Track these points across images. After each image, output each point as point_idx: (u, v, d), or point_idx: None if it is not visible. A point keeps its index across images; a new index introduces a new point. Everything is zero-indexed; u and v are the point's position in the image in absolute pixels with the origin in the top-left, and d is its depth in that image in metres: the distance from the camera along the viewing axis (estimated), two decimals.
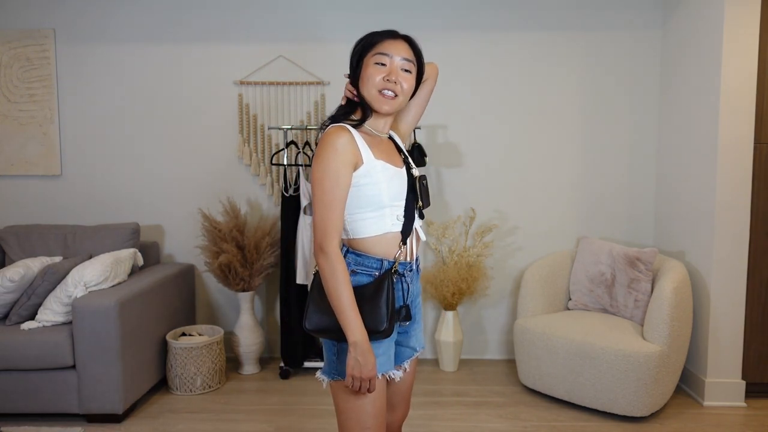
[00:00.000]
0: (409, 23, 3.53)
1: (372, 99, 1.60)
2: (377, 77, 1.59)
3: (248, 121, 3.58)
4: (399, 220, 1.61)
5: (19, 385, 2.80)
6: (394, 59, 1.59)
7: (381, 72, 1.59)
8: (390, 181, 1.58)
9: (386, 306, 1.53)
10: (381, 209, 1.58)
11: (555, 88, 3.58)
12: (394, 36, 1.62)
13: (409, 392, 1.78)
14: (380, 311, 1.52)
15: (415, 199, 1.63)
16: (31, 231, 3.40)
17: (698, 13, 3.13)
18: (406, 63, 1.60)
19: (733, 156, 2.94)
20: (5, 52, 3.56)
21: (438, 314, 3.70)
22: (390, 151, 1.67)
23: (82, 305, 2.76)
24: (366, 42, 1.62)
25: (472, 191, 3.60)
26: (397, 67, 1.59)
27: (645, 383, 2.77)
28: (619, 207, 3.64)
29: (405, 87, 1.61)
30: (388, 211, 1.59)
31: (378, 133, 1.66)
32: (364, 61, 1.61)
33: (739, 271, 2.99)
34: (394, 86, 1.59)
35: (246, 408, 3.04)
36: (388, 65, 1.59)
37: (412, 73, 1.63)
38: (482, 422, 2.88)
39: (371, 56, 1.60)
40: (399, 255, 1.60)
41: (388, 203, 1.58)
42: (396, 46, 1.60)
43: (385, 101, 1.59)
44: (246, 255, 3.37)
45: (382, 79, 1.58)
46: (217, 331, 3.38)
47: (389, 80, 1.58)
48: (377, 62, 1.59)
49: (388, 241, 1.60)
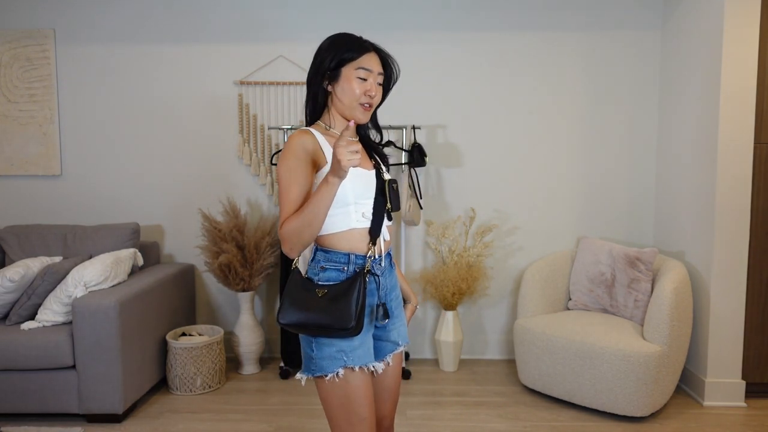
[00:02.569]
0: (408, 23, 3.54)
1: (352, 109, 1.68)
2: (358, 90, 1.66)
3: (248, 121, 3.58)
4: (365, 218, 1.65)
5: (19, 385, 2.80)
6: (374, 74, 1.67)
7: (362, 86, 1.66)
8: (354, 181, 1.62)
9: (355, 305, 1.55)
10: (346, 206, 1.63)
11: (555, 88, 3.58)
12: (374, 50, 1.70)
13: (395, 386, 1.80)
14: (350, 309, 1.55)
15: (385, 202, 1.67)
16: (31, 231, 3.40)
17: (698, 13, 3.13)
18: (380, 77, 1.70)
19: (733, 156, 2.94)
20: (5, 52, 3.56)
21: (438, 314, 3.70)
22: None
23: (82, 305, 2.76)
24: (348, 51, 1.67)
25: (472, 191, 3.60)
26: (374, 81, 1.68)
27: (645, 383, 2.77)
28: (619, 207, 3.64)
29: (377, 98, 1.71)
30: (353, 208, 1.64)
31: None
32: (343, 71, 1.67)
33: (739, 271, 2.99)
34: (371, 99, 1.68)
35: (246, 408, 3.04)
36: (368, 80, 1.67)
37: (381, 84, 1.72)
38: (482, 422, 2.88)
39: (354, 69, 1.66)
40: (369, 254, 1.64)
41: (352, 201, 1.63)
42: (375, 61, 1.69)
43: (363, 112, 1.68)
44: (246, 255, 3.37)
45: (363, 93, 1.66)
46: (217, 331, 3.39)
47: (368, 94, 1.67)
48: (359, 76, 1.66)
49: (355, 237, 1.64)
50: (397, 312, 1.76)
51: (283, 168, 1.58)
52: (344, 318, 1.55)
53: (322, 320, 1.56)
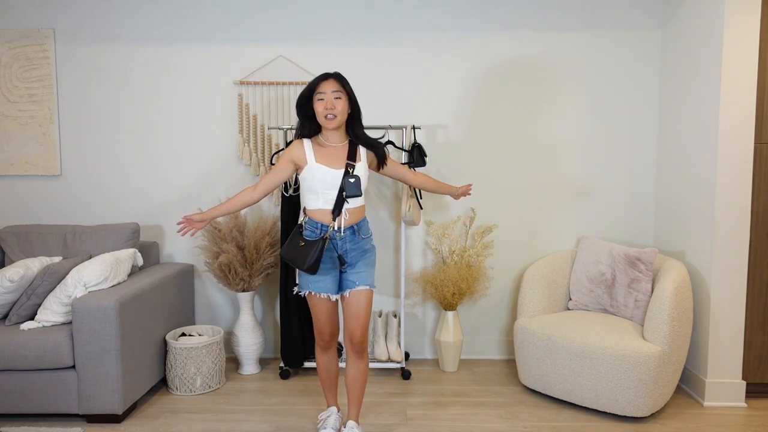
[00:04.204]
0: (408, 23, 3.54)
1: (322, 122, 2.46)
2: (320, 108, 2.44)
3: (248, 121, 3.58)
4: (328, 202, 2.46)
5: (19, 385, 2.80)
6: (328, 94, 2.42)
7: (322, 105, 2.43)
8: (323, 177, 2.44)
9: (313, 255, 2.41)
10: (316, 194, 2.47)
11: (555, 87, 3.58)
12: (326, 77, 2.45)
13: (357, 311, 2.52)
14: (309, 257, 2.41)
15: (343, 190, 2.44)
16: (31, 231, 3.40)
17: (698, 13, 3.13)
18: (335, 93, 2.43)
19: (733, 156, 2.94)
20: (5, 52, 3.56)
21: (438, 314, 3.69)
22: (333, 157, 2.47)
23: (81, 305, 2.76)
24: (309, 88, 2.45)
25: (473, 191, 3.60)
26: (330, 98, 2.42)
27: (645, 383, 2.77)
28: (619, 207, 3.64)
29: (339, 108, 2.43)
30: (321, 195, 2.46)
31: (329, 143, 2.50)
32: (313, 101, 2.45)
33: (740, 271, 2.99)
34: (332, 110, 2.43)
35: (246, 408, 3.04)
36: (325, 99, 2.42)
37: (342, 98, 2.44)
38: (482, 422, 2.88)
39: (315, 96, 2.45)
40: (332, 225, 2.45)
41: (320, 191, 2.46)
42: (327, 85, 2.43)
43: (328, 122, 2.44)
44: (246, 255, 3.37)
45: (324, 108, 2.42)
46: (217, 331, 3.38)
47: (328, 108, 2.42)
48: (318, 99, 2.44)
49: (323, 213, 2.47)
50: (356, 263, 2.52)
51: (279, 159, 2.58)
52: (305, 261, 2.42)
53: (296, 260, 2.45)
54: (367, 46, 3.55)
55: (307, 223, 2.49)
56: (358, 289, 2.51)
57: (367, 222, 2.60)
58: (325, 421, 2.72)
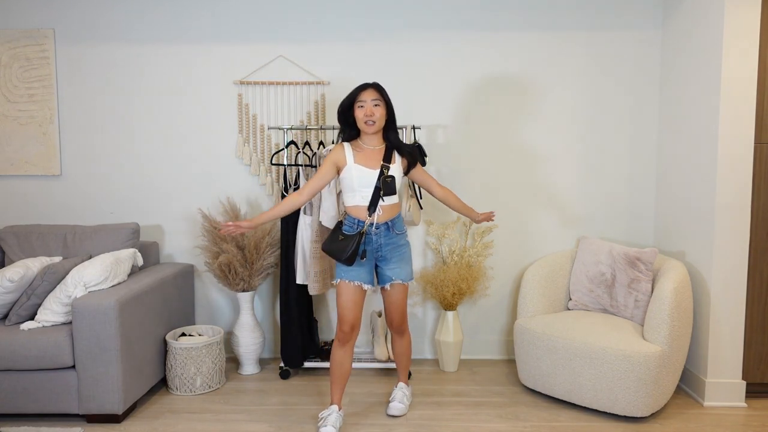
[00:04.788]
0: (408, 23, 3.54)
1: (362, 127, 2.71)
2: (360, 115, 2.68)
3: (248, 121, 3.58)
4: (364, 199, 2.69)
5: (19, 385, 2.80)
6: (368, 102, 2.67)
7: (362, 112, 2.68)
8: (360, 177, 2.69)
9: (350, 248, 2.65)
10: (353, 191, 2.72)
11: (555, 88, 3.58)
12: (366, 87, 2.69)
13: (396, 303, 2.83)
14: (347, 250, 2.65)
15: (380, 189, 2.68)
16: (31, 231, 3.40)
17: (698, 13, 3.13)
18: (374, 101, 2.68)
19: (733, 156, 2.94)
20: (5, 52, 3.56)
21: (438, 314, 3.69)
22: (370, 159, 2.71)
23: (81, 305, 2.76)
24: (350, 97, 2.70)
25: (473, 191, 3.60)
26: (370, 106, 2.67)
27: (645, 383, 2.77)
28: (619, 207, 3.64)
29: (377, 114, 2.67)
30: (357, 192, 2.71)
31: (367, 146, 2.74)
32: (354, 108, 2.70)
33: (740, 271, 2.99)
34: (371, 116, 2.67)
35: (246, 408, 3.04)
36: (365, 107, 2.67)
37: (380, 105, 2.68)
38: (482, 422, 2.88)
39: (356, 105, 2.69)
40: (367, 221, 2.69)
41: (357, 188, 2.70)
42: (367, 94, 2.67)
43: (368, 127, 2.69)
44: (246, 255, 3.37)
45: (364, 115, 2.67)
46: (217, 331, 3.38)
47: (367, 115, 2.67)
48: (359, 106, 2.69)
49: (359, 209, 2.71)
50: (391, 258, 2.76)
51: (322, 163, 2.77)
52: (343, 254, 2.66)
53: (335, 252, 2.69)
54: (367, 46, 3.55)
55: (346, 220, 2.75)
56: (395, 283, 2.79)
57: (401, 219, 2.83)
58: (326, 419, 2.73)
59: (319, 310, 3.70)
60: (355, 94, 2.69)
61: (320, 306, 3.71)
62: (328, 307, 3.72)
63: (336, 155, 2.73)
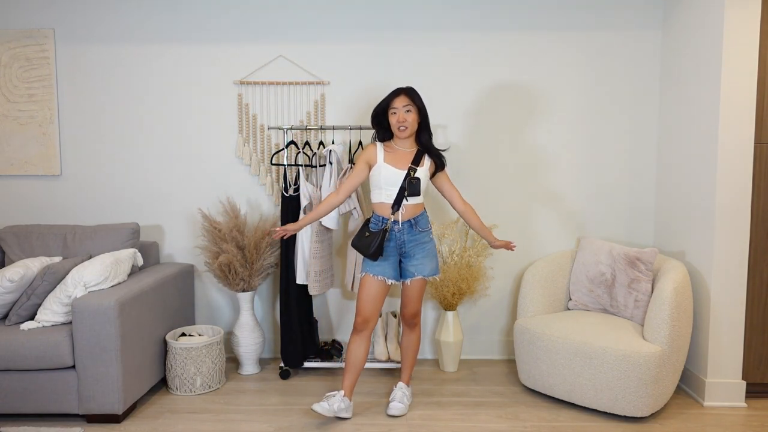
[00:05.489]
0: (408, 23, 3.54)
1: (395, 133, 2.86)
2: (393, 121, 2.84)
3: (248, 121, 3.58)
4: (389, 197, 2.84)
5: (19, 385, 2.80)
6: (399, 109, 2.82)
7: (395, 118, 2.83)
8: (387, 175, 2.83)
9: (375, 244, 2.80)
10: (379, 188, 2.86)
11: (555, 88, 3.58)
12: (398, 93, 2.84)
13: (410, 298, 2.95)
14: (372, 246, 2.80)
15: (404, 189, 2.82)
16: (31, 231, 3.40)
17: (698, 13, 3.13)
18: (406, 107, 2.82)
19: (733, 156, 2.94)
20: (5, 52, 3.56)
21: (438, 314, 3.69)
22: (400, 160, 2.86)
23: (81, 305, 2.76)
24: (383, 104, 2.86)
25: (473, 191, 3.59)
26: (401, 112, 2.82)
27: (645, 383, 2.77)
28: (620, 207, 3.64)
29: (410, 120, 2.82)
30: (383, 190, 2.85)
31: (399, 148, 2.89)
32: (387, 114, 2.85)
33: (740, 271, 2.99)
34: (404, 123, 2.82)
35: (246, 408, 3.04)
36: (397, 113, 2.82)
37: (412, 111, 2.83)
38: (482, 422, 2.88)
39: (389, 111, 2.85)
40: (392, 218, 2.83)
41: (383, 186, 2.84)
42: (399, 101, 2.82)
43: (400, 132, 2.84)
44: (246, 255, 3.37)
45: (396, 122, 2.82)
46: (216, 331, 3.38)
47: (400, 122, 2.82)
48: (392, 113, 2.84)
49: (384, 207, 2.86)
50: (415, 255, 2.88)
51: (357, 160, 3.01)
52: (369, 249, 2.81)
53: (362, 248, 2.83)
54: (367, 46, 3.55)
55: (372, 217, 2.89)
56: (416, 278, 2.90)
57: (425, 217, 2.92)
58: (329, 399, 2.81)
59: (319, 310, 3.70)
60: (388, 100, 2.84)
61: (320, 306, 3.71)
62: (328, 307, 3.72)
63: (368, 154, 2.89)
